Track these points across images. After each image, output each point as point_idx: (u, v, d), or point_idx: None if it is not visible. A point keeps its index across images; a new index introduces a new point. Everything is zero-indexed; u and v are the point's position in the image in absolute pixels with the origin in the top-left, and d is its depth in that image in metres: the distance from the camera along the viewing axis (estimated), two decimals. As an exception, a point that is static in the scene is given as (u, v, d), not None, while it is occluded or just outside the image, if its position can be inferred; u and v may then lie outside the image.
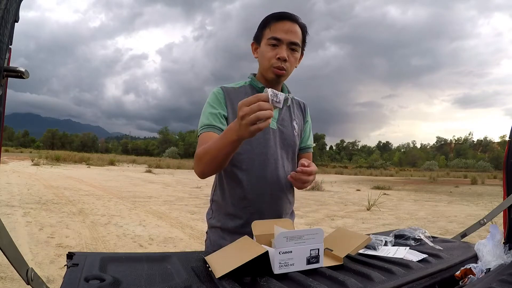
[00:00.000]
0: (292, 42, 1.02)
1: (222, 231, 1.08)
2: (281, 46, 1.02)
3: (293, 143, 1.13)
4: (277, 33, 1.01)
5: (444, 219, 6.80)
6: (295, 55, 1.05)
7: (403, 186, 17.18)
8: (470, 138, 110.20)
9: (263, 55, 1.05)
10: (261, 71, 1.09)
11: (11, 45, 0.50)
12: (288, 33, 1.02)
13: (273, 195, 1.07)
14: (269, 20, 1.04)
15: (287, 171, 1.11)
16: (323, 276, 0.74)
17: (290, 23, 1.02)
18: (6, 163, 16.91)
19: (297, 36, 1.03)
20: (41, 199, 6.55)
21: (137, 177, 14.71)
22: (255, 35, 1.10)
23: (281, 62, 1.02)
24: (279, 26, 1.02)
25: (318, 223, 5.97)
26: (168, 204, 7.24)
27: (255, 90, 1.10)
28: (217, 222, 1.09)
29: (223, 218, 1.08)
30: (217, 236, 1.09)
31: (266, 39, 1.04)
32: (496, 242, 0.94)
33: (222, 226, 1.08)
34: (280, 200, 1.09)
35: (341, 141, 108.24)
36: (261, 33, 1.06)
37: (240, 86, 1.11)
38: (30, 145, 77.21)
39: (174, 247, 3.90)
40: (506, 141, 1.09)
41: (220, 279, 0.68)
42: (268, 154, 1.06)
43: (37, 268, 2.87)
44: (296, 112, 1.18)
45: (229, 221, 1.07)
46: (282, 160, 1.10)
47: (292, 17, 1.03)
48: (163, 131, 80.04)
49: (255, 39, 1.10)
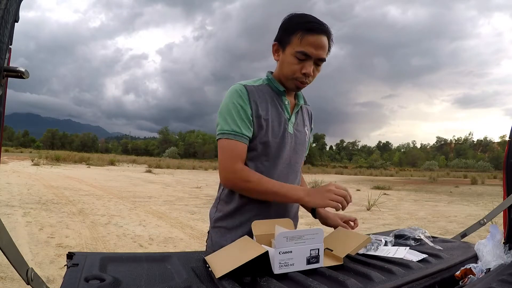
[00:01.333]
0: (320, 58, 0.99)
1: (226, 231, 1.06)
2: (308, 61, 0.98)
3: (304, 149, 1.14)
4: (307, 48, 0.96)
5: (444, 219, 6.80)
6: (319, 69, 1.03)
7: (403, 186, 17.18)
8: (470, 138, 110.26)
9: (287, 65, 1.01)
10: (282, 78, 1.05)
11: (11, 45, 0.50)
12: (318, 49, 0.97)
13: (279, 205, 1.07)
14: (300, 28, 0.97)
15: (298, 176, 1.12)
16: (323, 276, 0.74)
17: (322, 37, 0.97)
18: (6, 163, 16.91)
19: (325, 51, 1.00)
20: (41, 199, 6.55)
21: (137, 177, 14.71)
22: (279, 37, 1.03)
23: (306, 77, 1.01)
24: (311, 40, 0.96)
25: (318, 223, 5.96)
26: (168, 204, 7.24)
27: (274, 92, 1.07)
28: (222, 222, 1.08)
29: (228, 218, 1.06)
30: (219, 236, 1.07)
31: (294, 49, 0.98)
32: (496, 242, 0.94)
33: (227, 226, 1.06)
34: (288, 204, 1.09)
35: (341, 141, 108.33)
36: (287, 39, 0.99)
37: (259, 85, 1.07)
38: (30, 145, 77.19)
39: (174, 247, 3.90)
40: (506, 141, 1.09)
41: (220, 279, 0.68)
42: (282, 158, 1.05)
43: (37, 268, 2.86)
44: (307, 119, 1.18)
45: (233, 221, 1.05)
46: (296, 164, 1.10)
47: (325, 30, 0.98)
48: (163, 131, 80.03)
49: (278, 41, 1.03)
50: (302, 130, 1.12)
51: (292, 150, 1.08)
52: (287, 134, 1.06)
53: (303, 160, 1.17)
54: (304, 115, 1.16)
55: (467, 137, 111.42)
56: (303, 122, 1.15)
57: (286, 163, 1.06)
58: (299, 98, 1.13)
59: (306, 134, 1.14)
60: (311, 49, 0.97)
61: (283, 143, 1.05)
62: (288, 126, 1.06)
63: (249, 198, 1.03)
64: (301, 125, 1.13)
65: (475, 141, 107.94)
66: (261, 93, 1.04)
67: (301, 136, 1.11)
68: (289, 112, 1.09)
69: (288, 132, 1.06)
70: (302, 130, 1.12)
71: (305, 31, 0.97)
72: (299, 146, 1.11)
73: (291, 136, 1.07)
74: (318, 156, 71.24)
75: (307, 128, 1.16)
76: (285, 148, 1.05)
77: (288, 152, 1.06)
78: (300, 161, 1.14)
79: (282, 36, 1.02)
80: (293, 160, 1.09)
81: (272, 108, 1.04)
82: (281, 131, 1.04)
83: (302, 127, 1.13)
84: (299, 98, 1.14)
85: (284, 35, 1.01)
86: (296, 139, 1.09)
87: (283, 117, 1.06)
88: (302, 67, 0.99)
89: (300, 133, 1.11)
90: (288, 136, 1.06)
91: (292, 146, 1.08)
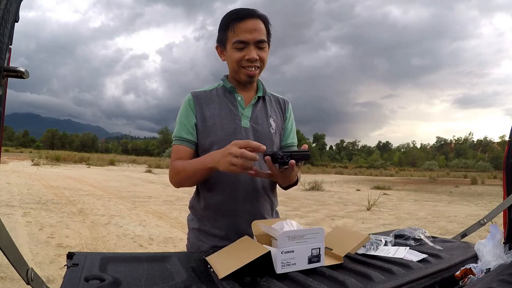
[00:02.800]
0: (258, 40, 1.00)
1: (200, 234, 1.08)
2: (248, 47, 0.99)
3: (269, 141, 1.09)
4: (242, 35, 0.98)
5: (444, 219, 6.80)
6: (264, 52, 1.03)
7: (403, 186, 17.18)
8: (470, 138, 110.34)
9: (231, 59, 1.03)
10: (232, 73, 1.08)
11: (11, 45, 0.50)
12: (253, 32, 0.98)
13: (247, 196, 1.04)
14: (230, 22, 1.00)
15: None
16: (323, 276, 0.74)
17: (252, 20, 0.99)
18: (6, 163, 16.91)
19: (261, 32, 1.01)
20: (41, 199, 6.55)
21: (137, 177, 14.71)
22: (218, 38, 1.07)
23: (251, 62, 1.01)
24: (242, 27, 0.98)
25: (318, 223, 5.97)
26: (168, 204, 7.25)
27: (227, 92, 1.10)
28: (195, 225, 1.10)
29: (199, 221, 1.09)
30: (195, 238, 1.09)
31: (231, 43, 1.00)
32: (496, 242, 0.94)
33: (199, 228, 1.08)
34: (255, 200, 1.06)
35: (341, 141, 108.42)
36: (224, 36, 1.03)
37: (212, 89, 1.11)
38: (30, 145, 77.22)
39: (174, 247, 3.90)
40: (506, 141, 1.09)
41: (220, 280, 0.68)
42: None
43: (37, 268, 2.86)
44: (274, 109, 1.15)
45: (204, 224, 1.07)
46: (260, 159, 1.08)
47: (252, 13, 1.00)
48: (163, 131, 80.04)
49: (218, 42, 1.07)
50: (263, 122, 1.10)
51: None
52: (241, 129, 1.05)
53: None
54: (268, 106, 1.13)
55: (467, 137, 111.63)
56: (266, 113, 1.12)
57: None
58: (258, 90, 1.12)
59: (271, 125, 1.11)
60: (246, 34, 0.98)
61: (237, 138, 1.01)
62: (241, 121, 1.06)
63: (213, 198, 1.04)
64: (262, 117, 1.10)
65: (475, 141, 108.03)
66: (210, 97, 1.08)
67: (262, 129, 1.09)
68: (243, 106, 1.08)
69: (242, 127, 1.05)
70: (264, 121, 1.10)
71: (235, 21, 0.99)
72: (260, 140, 1.05)
73: (247, 130, 1.06)
74: (318, 156, 71.23)
75: (273, 119, 1.12)
76: None
77: None
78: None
79: (220, 36, 1.06)
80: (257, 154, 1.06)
81: (223, 108, 1.06)
82: (232, 127, 1.04)
83: (264, 119, 1.10)
84: (259, 90, 1.12)
85: (221, 35, 1.05)
86: (255, 132, 1.07)
87: (235, 113, 1.06)
88: (245, 54, 1.00)
89: (261, 125, 1.09)
90: (242, 131, 1.05)
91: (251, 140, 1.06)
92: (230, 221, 1.04)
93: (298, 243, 0.75)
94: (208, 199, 1.06)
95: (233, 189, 1.04)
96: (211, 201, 1.05)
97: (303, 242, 0.75)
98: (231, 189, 1.04)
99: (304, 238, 0.75)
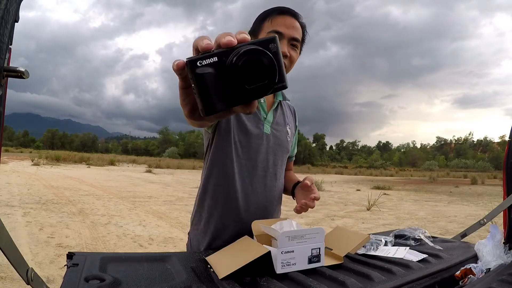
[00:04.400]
0: (293, 37, 0.96)
1: (203, 236, 1.03)
2: (282, 41, 0.95)
3: (285, 149, 1.07)
4: (279, 27, 0.95)
5: (444, 219, 6.80)
6: (295, 52, 0.99)
7: (403, 186, 17.17)
8: (470, 138, 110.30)
9: None
10: None
11: (11, 45, 0.50)
12: (290, 28, 0.96)
13: (259, 205, 1.01)
14: (270, 13, 0.98)
15: (278, 179, 1.05)
16: (323, 276, 0.74)
17: (292, 18, 0.97)
18: (6, 163, 16.91)
19: (298, 32, 0.98)
20: (41, 199, 6.54)
21: (137, 177, 14.70)
22: (251, 29, 1.02)
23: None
24: (281, 20, 0.96)
25: (318, 223, 5.97)
26: (168, 204, 7.24)
27: None
28: (199, 227, 1.05)
29: (204, 224, 1.03)
30: (196, 241, 1.04)
31: (265, 32, 0.96)
32: (496, 242, 0.94)
33: (203, 231, 1.03)
34: (266, 210, 1.02)
35: (341, 141, 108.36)
36: (259, 26, 0.99)
37: None
38: (30, 145, 77.19)
39: (174, 247, 3.90)
40: (506, 141, 1.09)
41: (220, 280, 0.68)
42: (258, 161, 1.00)
43: (37, 268, 2.86)
44: (289, 117, 1.13)
45: (210, 228, 1.01)
46: (275, 167, 1.04)
47: (295, 13, 0.98)
48: (163, 131, 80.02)
49: (251, 33, 1.02)
50: (282, 130, 1.06)
51: (271, 152, 1.03)
52: (263, 136, 1.01)
53: (284, 162, 1.09)
54: (285, 113, 1.10)
55: (467, 137, 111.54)
56: (284, 121, 1.08)
57: (263, 165, 1.01)
58: (277, 94, 1.08)
59: (288, 133, 1.08)
60: (283, 27, 0.95)
61: (257, 144, 1.00)
62: (264, 126, 1.01)
63: (224, 204, 0.99)
64: (281, 123, 1.07)
65: (475, 141, 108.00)
66: None
67: (282, 136, 1.05)
68: (266, 110, 1.04)
69: (264, 133, 1.01)
70: (283, 129, 1.06)
71: (275, 13, 0.97)
72: (278, 147, 1.04)
73: (267, 137, 1.02)
74: (318, 156, 71.24)
75: (289, 127, 1.10)
76: (259, 150, 1.00)
77: (264, 154, 1.01)
78: (280, 163, 1.07)
79: (253, 27, 1.01)
80: (270, 162, 1.02)
81: None
82: (255, 132, 1.00)
83: (282, 126, 1.07)
84: (278, 94, 1.08)
85: (256, 25, 1.01)
86: (276, 139, 1.03)
87: (258, 116, 1.01)
88: None
89: (280, 132, 1.05)
90: (264, 137, 1.01)
91: (270, 148, 1.02)
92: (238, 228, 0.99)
93: (298, 243, 0.75)
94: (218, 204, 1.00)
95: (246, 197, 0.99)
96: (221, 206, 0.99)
97: (303, 242, 0.75)
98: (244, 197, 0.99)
99: (304, 238, 0.75)
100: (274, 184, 1.04)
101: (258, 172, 1.00)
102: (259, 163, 1.00)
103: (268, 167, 1.02)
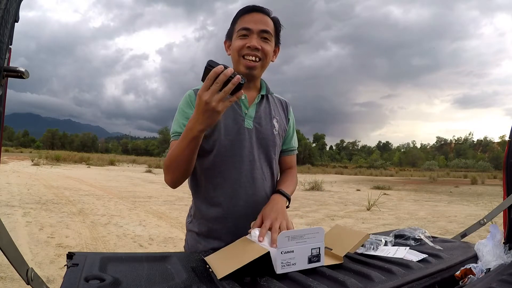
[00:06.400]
0: (262, 30, 0.98)
1: (198, 236, 1.05)
2: (251, 36, 0.98)
3: (272, 143, 1.07)
4: (247, 24, 0.98)
5: (444, 219, 6.80)
6: (268, 44, 1.00)
7: (403, 186, 17.17)
8: (470, 138, 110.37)
9: (233, 48, 1.01)
10: (234, 67, 1.02)
11: (11, 45, 0.50)
12: (258, 22, 0.99)
13: (248, 199, 1.01)
14: (239, 14, 1.02)
15: (265, 173, 1.06)
16: (323, 276, 0.74)
17: (260, 14, 1.00)
18: (6, 163, 16.91)
19: (268, 25, 1.00)
20: (41, 199, 6.55)
21: (137, 177, 14.71)
22: (227, 33, 1.07)
23: (252, 51, 0.98)
24: (249, 18, 0.99)
25: (318, 223, 5.97)
26: (168, 204, 7.24)
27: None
28: (193, 227, 1.07)
29: (198, 223, 1.05)
30: (193, 240, 1.06)
31: (236, 32, 1.00)
32: (496, 242, 0.94)
33: (198, 231, 1.05)
34: (256, 203, 1.02)
35: (341, 141, 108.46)
36: (232, 29, 1.04)
37: None
38: (30, 145, 77.23)
39: (174, 247, 3.90)
40: (506, 141, 1.09)
41: (220, 280, 0.68)
42: (243, 155, 1.01)
43: (37, 268, 2.86)
44: (278, 110, 1.13)
45: (203, 226, 1.03)
46: (260, 161, 1.04)
47: (262, 9, 1.01)
48: (163, 131, 79.98)
49: (227, 36, 1.07)
50: (266, 123, 1.07)
51: (255, 146, 1.03)
52: (244, 130, 1.02)
53: (274, 155, 1.09)
54: (272, 106, 1.11)
55: (467, 137, 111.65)
56: (270, 114, 1.09)
57: (249, 160, 1.02)
58: (262, 88, 1.09)
59: (275, 127, 1.08)
60: (251, 24, 0.99)
61: (240, 140, 1.01)
62: (244, 122, 1.03)
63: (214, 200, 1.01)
64: (266, 117, 1.07)
65: (475, 141, 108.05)
66: None
67: (266, 130, 1.06)
68: (247, 106, 1.05)
69: (246, 128, 1.02)
70: (268, 122, 1.07)
71: (243, 12, 1.01)
72: (263, 141, 1.05)
73: (250, 131, 1.03)
74: (318, 156, 71.22)
75: (277, 120, 1.10)
76: (243, 145, 1.02)
77: (249, 148, 1.02)
78: (270, 157, 1.07)
79: (229, 30, 1.06)
80: (257, 156, 1.03)
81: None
82: (235, 128, 1.02)
83: (267, 120, 1.07)
84: (262, 88, 1.09)
85: (230, 29, 1.06)
86: (259, 133, 1.04)
87: (238, 112, 1.03)
88: (246, 42, 0.99)
89: (264, 127, 1.06)
90: (245, 132, 1.02)
91: (254, 142, 1.03)
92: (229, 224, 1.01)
93: (297, 243, 0.75)
94: (208, 200, 1.03)
95: (234, 191, 1.01)
96: (212, 202, 1.02)
97: (302, 242, 0.75)
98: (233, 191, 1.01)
99: (304, 238, 0.75)
100: (263, 177, 1.05)
101: (244, 166, 1.02)
102: (244, 158, 1.02)
103: (255, 161, 1.03)
